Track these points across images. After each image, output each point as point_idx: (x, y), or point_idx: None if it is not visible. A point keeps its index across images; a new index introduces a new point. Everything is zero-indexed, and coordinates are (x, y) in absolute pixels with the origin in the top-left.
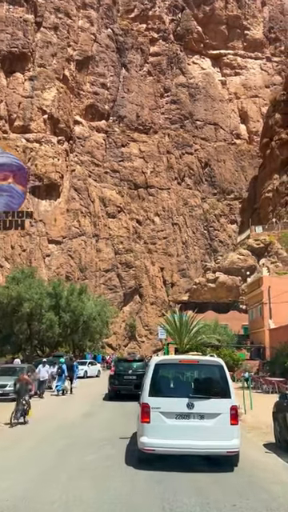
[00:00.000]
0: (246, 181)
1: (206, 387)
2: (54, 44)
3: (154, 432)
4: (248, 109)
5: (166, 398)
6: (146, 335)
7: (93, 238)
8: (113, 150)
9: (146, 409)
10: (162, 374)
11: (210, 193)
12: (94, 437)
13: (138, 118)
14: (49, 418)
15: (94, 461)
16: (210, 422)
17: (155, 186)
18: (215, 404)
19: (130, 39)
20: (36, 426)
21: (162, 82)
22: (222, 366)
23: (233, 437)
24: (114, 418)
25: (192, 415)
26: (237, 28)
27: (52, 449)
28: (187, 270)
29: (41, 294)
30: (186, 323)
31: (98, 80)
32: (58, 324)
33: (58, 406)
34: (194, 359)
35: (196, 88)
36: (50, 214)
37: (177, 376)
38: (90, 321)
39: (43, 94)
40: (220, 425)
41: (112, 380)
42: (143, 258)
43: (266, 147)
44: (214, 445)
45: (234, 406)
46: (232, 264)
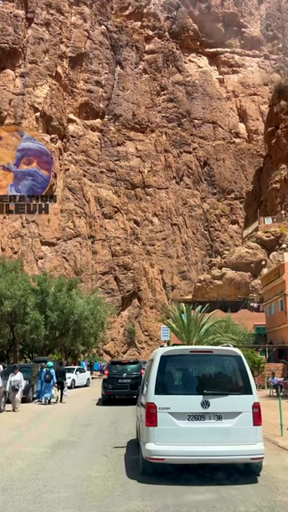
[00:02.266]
0: (247, 180)
1: (222, 382)
2: (46, 40)
3: (163, 437)
4: (247, 107)
5: (175, 396)
6: (146, 341)
7: (88, 240)
8: (108, 149)
9: (152, 409)
10: (170, 368)
11: (210, 192)
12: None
13: (134, 117)
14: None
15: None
16: (229, 423)
17: (153, 186)
18: (234, 401)
19: (125, 36)
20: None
21: (158, 80)
22: (240, 357)
23: (257, 440)
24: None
25: (208, 415)
26: (233, 26)
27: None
28: (188, 271)
29: (24, 291)
30: (196, 320)
31: (92, 77)
32: (43, 324)
33: (26, 426)
34: (208, 349)
35: (193, 86)
36: (43, 215)
37: (187, 369)
38: (82, 321)
39: (35, 91)
40: (241, 426)
41: (105, 384)
42: (142, 259)
43: (271, 136)
44: (235, 450)
45: (256, 403)
46: (240, 258)
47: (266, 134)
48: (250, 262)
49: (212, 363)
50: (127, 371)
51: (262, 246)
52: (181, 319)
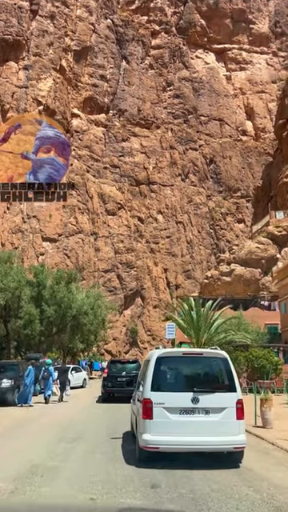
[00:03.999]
0: (254, 178)
1: (210, 381)
2: (51, 33)
3: (158, 429)
4: (254, 105)
5: (169, 393)
6: (149, 341)
7: (91, 236)
8: (113, 145)
9: (148, 405)
10: (165, 368)
11: (216, 190)
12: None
13: (140, 112)
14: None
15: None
16: (215, 417)
17: (158, 183)
18: (221, 398)
19: (131, 31)
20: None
21: (164, 76)
22: (226, 359)
23: (240, 432)
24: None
25: (197, 410)
26: (242, 22)
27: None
28: (192, 270)
29: (19, 283)
30: (206, 317)
31: (97, 72)
32: (39, 319)
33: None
34: (198, 351)
35: (200, 82)
36: (44, 210)
37: (180, 369)
38: (81, 316)
39: (38, 85)
40: (226, 420)
41: (105, 382)
42: (145, 257)
43: (282, 129)
44: (220, 440)
45: (239, 399)
46: (250, 254)
47: (276, 126)
48: (260, 258)
49: (202, 364)
50: (126, 370)
51: (273, 241)
52: (189, 315)
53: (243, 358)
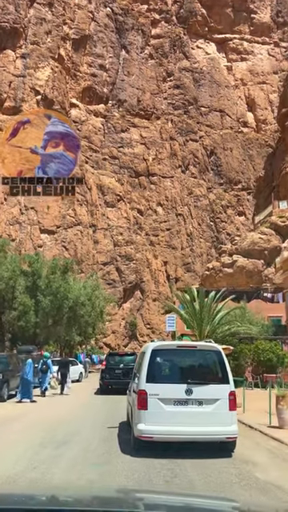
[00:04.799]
0: (255, 170)
1: (204, 373)
2: (49, 21)
3: (152, 419)
4: (255, 96)
5: (163, 385)
6: (148, 334)
7: (90, 228)
8: (112, 136)
9: (143, 396)
10: (160, 360)
11: (217, 182)
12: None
13: (139, 103)
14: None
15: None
16: (208, 408)
17: (157, 174)
18: (214, 390)
19: (131, 20)
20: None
21: (164, 66)
22: (220, 352)
23: (232, 422)
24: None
25: (190, 401)
26: (243, 11)
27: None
28: (192, 263)
29: (13, 272)
30: (209, 307)
31: (96, 61)
32: (33, 310)
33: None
34: (193, 344)
35: (200, 73)
36: (42, 201)
37: (174, 362)
38: (78, 307)
39: (36, 74)
40: (219, 410)
41: (103, 374)
42: (145, 250)
43: (284, 118)
44: (213, 431)
45: (232, 391)
46: (253, 245)
47: (279, 115)
48: (263, 249)
49: (196, 357)
50: (124, 362)
51: (277, 231)
52: (192, 306)
53: (248, 350)
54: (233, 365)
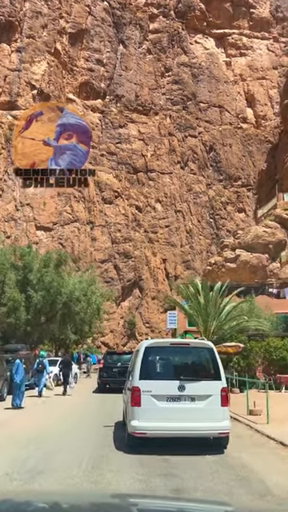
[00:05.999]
0: (255, 167)
1: (196, 370)
2: (45, 15)
3: (145, 415)
4: (255, 91)
5: (156, 381)
6: (147, 333)
7: (87, 225)
8: (109, 131)
9: (137, 392)
10: (153, 358)
11: (216, 179)
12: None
13: (137, 98)
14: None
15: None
16: (201, 404)
17: (156, 170)
18: (206, 386)
19: (128, 14)
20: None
21: (162, 61)
22: (212, 349)
23: (224, 418)
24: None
25: (183, 397)
26: (242, 6)
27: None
28: (192, 261)
29: (2, 266)
30: (215, 301)
31: (93, 56)
32: (24, 306)
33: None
34: (185, 342)
35: (199, 68)
36: (38, 198)
37: (167, 359)
38: (72, 303)
39: (32, 68)
40: (211, 406)
41: (101, 373)
42: (143, 247)
43: (287, 109)
44: (205, 426)
45: (224, 387)
46: (256, 239)
47: (281, 107)
48: (267, 243)
49: (188, 354)
50: (122, 361)
51: (282, 224)
52: (197, 300)
53: (259, 348)
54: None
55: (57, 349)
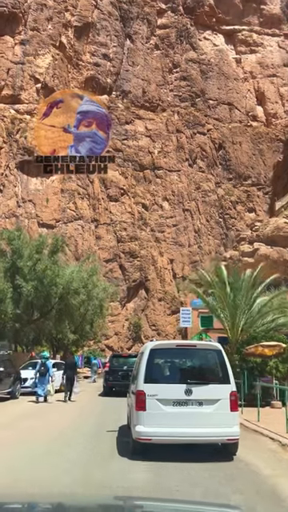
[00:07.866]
0: (265, 165)
1: (204, 373)
2: (50, 7)
3: (151, 420)
4: (265, 89)
5: (162, 385)
6: (154, 336)
7: (91, 223)
8: (116, 128)
9: (142, 396)
10: (158, 360)
11: (225, 177)
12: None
13: (144, 94)
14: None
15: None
16: (209, 409)
17: (163, 168)
18: (214, 390)
19: (136, 8)
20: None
21: (170, 57)
22: (220, 351)
23: (233, 424)
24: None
25: (190, 402)
26: (252, 2)
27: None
28: (200, 261)
29: None
30: (246, 290)
31: (100, 50)
32: (11, 297)
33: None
34: (192, 343)
35: (208, 65)
36: (41, 194)
37: (173, 361)
38: (70, 295)
39: (36, 61)
40: (220, 411)
41: (107, 376)
42: (150, 247)
43: None
44: (214, 432)
45: (233, 391)
46: (277, 231)
47: None
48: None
49: (195, 356)
50: (128, 364)
51: None
52: (223, 289)
53: None
54: (283, 369)
55: (54, 350)
